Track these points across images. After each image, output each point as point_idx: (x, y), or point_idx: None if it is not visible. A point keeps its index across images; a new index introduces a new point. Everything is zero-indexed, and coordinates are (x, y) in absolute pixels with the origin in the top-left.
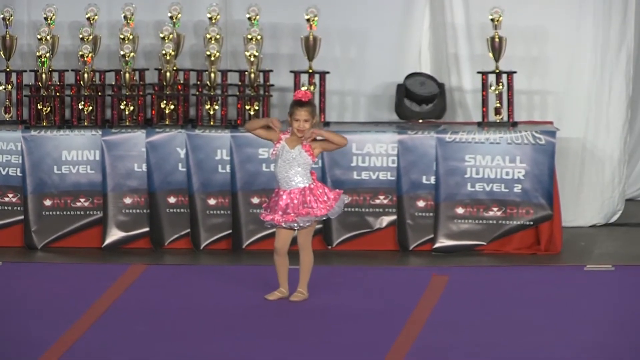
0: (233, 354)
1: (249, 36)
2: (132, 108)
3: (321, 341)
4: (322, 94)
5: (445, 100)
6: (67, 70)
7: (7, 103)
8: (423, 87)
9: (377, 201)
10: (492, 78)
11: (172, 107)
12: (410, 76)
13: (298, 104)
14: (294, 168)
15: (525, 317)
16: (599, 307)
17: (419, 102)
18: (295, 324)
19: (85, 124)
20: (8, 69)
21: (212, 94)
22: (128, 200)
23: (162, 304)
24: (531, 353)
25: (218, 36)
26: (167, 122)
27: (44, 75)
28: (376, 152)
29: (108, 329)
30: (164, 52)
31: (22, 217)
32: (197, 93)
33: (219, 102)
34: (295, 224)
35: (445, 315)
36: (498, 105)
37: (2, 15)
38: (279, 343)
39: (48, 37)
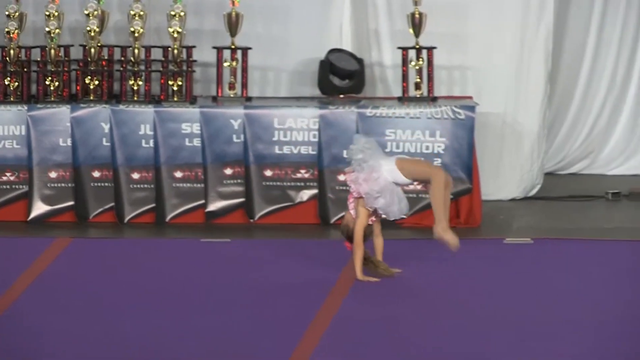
0: (155, 326)
1: (172, 13)
2: (57, 84)
3: (243, 315)
4: (245, 70)
5: (364, 76)
6: None
7: None
8: (346, 62)
9: (299, 175)
10: (412, 53)
11: (96, 82)
12: (331, 52)
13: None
14: None
15: (445, 288)
16: (518, 279)
17: (343, 77)
18: (217, 298)
19: (11, 99)
20: None
21: (135, 69)
22: (53, 175)
23: (87, 276)
24: (450, 323)
25: (142, 13)
26: (91, 98)
27: None
28: (297, 127)
29: (34, 301)
30: (88, 28)
31: None
32: (121, 69)
33: (143, 77)
34: None
35: (366, 286)
36: (418, 80)
37: None
38: (202, 317)
39: None
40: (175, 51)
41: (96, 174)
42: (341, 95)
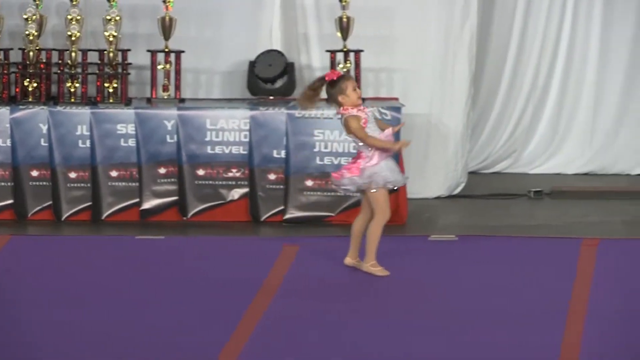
0: (88, 322)
1: (108, 17)
2: None
3: (174, 311)
4: (178, 72)
5: (294, 78)
6: None
7: None
8: (270, 68)
9: (230, 174)
10: (340, 56)
11: (35, 85)
12: (262, 54)
13: (348, 77)
14: None
15: (371, 283)
16: (443, 275)
17: (266, 82)
18: (149, 294)
19: None
20: None
21: (73, 72)
22: None
23: (25, 272)
24: (376, 318)
25: (79, 17)
26: (30, 100)
27: None
28: (229, 128)
29: None
30: (27, 32)
31: None
32: (59, 71)
33: (80, 80)
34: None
35: (296, 283)
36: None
37: None
38: (133, 312)
39: None
40: (111, 54)
41: (34, 173)
42: (271, 97)
